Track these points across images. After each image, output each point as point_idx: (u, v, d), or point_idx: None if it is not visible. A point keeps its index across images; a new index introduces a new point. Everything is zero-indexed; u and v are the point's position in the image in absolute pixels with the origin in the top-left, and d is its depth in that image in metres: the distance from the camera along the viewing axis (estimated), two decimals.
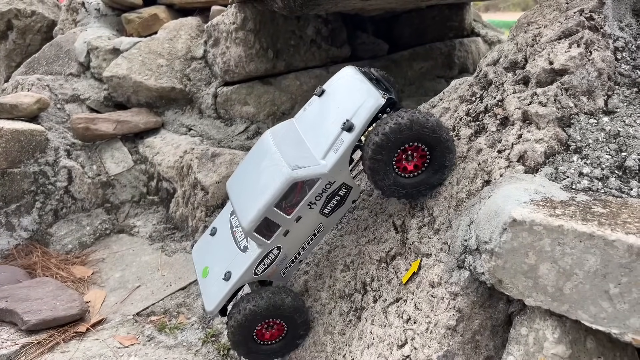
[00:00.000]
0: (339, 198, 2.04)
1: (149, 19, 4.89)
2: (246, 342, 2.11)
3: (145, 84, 4.30)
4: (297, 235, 2.06)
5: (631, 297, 1.34)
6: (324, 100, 2.10)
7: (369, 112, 1.89)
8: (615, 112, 1.78)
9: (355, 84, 2.01)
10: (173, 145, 3.94)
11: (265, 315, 2.05)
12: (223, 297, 2.10)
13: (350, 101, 1.97)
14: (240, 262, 2.09)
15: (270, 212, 1.94)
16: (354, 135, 1.90)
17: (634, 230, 1.36)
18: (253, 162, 2.10)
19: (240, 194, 2.09)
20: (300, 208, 1.97)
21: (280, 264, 2.12)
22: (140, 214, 3.93)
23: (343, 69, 2.16)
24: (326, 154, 1.94)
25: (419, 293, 1.84)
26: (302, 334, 2.19)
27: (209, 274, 2.23)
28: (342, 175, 1.97)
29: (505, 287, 1.52)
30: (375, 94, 1.91)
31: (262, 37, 4.12)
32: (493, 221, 1.54)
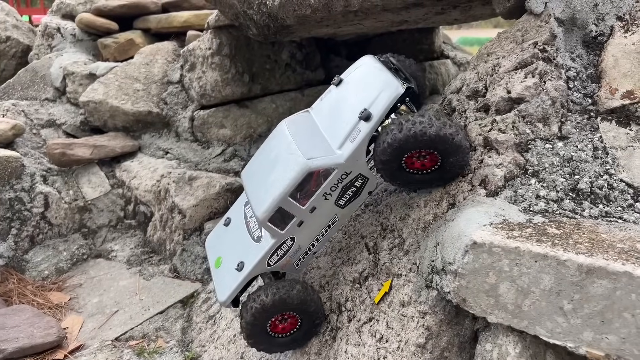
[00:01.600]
0: (355, 189, 1.98)
1: (125, 44, 4.94)
2: (261, 337, 2.09)
3: (122, 108, 4.34)
4: (311, 226, 2.01)
5: (583, 312, 1.44)
6: (342, 90, 2.05)
7: (387, 102, 1.84)
8: (569, 137, 1.91)
9: (373, 72, 1.97)
10: (150, 169, 3.98)
11: (274, 311, 2.02)
12: (235, 287, 2.07)
13: (368, 90, 1.92)
14: (254, 252, 2.06)
15: (284, 202, 1.89)
16: (372, 125, 1.85)
17: (584, 250, 1.47)
18: (268, 152, 2.05)
19: (254, 183, 2.04)
20: (315, 198, 1.92)
21: (294, 255, 2.08)
22: (118, 238, 3.95)
23: (362, 58, 2.11)
24: (343, 144, 1.89)
25: (390, 312, 1.92)
26: (317, 322, 2.14)
27: (221, 264, 2.20)
28: (359, 165, 1.91)
29: (469, 306, 1.61)
30: (394, 83, 1.87)
31: (237, 62, 4.22)
32: (456, 243, 1.64)
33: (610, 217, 1.71)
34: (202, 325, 2.94)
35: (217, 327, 2.83)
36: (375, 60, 2.03)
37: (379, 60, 2.03)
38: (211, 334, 2.82)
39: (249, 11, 3.18)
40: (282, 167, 1.90)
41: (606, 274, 1.39)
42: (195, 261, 3.46)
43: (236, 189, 3.65)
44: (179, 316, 3.15)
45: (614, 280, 1.38)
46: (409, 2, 2.46)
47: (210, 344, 2.76)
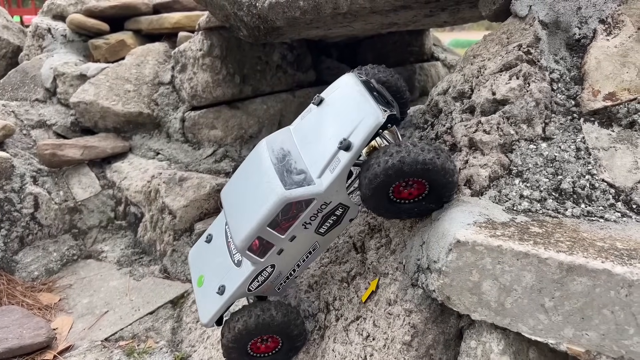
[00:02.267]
0: (335, 218, 1.95)
1: (116, 45, 4.94)
2: (241, 358, 2.11)
3: (113, 109, 4.33)
4: (291, 253, 2.00)
5: (564, 309, 1.47)
6: (322, 111, 1.99)
7: (367, 131, 1.79)
8: (552, 138, 1.94)
9: (354, 96, 1.91)
10: (141, 170, 3.98)
11: (255, 333, 2.05)
12: (217, 311, 2.08)
13: (349, 116, 1.87)
14: (234, 277, 2.06)
15: (263, 231, 1.87)
16: (351, 155, 1.80)
17: (564, 248, 1.50)
18: (247, 173, 2.03)
19: (233, 206, 2.02)
20: (295, 228, 1.90)
21: (275, 281, 2.08)
22: (108, 239, 3.94)
23: (343, 76, 2.05)
24: (322, 173, 1.84)
25: (377, 311, 1.94)
26: (298, 344, 2.18)
27: (203, 283, 2.20)
28: (339, 195, 1.88)
29: (453, 304, 1.63)
30: (375, 111, 1.80)
31: (228, 63, 4.23)
32: (441, 242, 1.66)
33: (592, 217, 1.74)
34: (192, 326, 2.95)
35: None
36: (356, 81, 1.98)
37: (361, 81, 1.98)
38: (201, 334, 2.83)
39: (239, 13, 3.20)
40: (260, 194, 1.88)
41: (586, 271, 1.42)
42: (186, 262, 3.46)
43: None
44: (169, 316, 3.15)
45: (594, 277, 1.42)
46: (396, 5, 2.48)
47: (200, 344, 2.77)
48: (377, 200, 1.80)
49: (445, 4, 2.63)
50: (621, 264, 1.41)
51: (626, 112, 1.92)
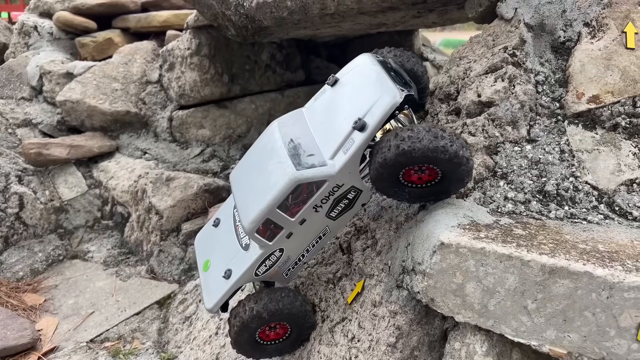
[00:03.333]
0: (347, 201, 1.87)
1: (103, 43, 4.90)
2: (248, 345, 2.05)
3: (100, 108, 4.30)
4: (301, 237, 1.93)
5: (546, 311, 1.48)
6: (336, 92, 1.91)
7: (383, 111, 1.71)
8: (537, 140, 1.95)
9: (371, 75, 1.82)
10: (128, 170, 3.96)
11: (264, 321, 1.98)
12: (222, 295, 2.01)
13: (364, 96, 1.79)
14: (242, 260, 2.00)
15: (272, 213, 1.80)
16: (366, 136, 1.72)
17: (547, 250, 1.51)
18: (258, 155, 1.95)
19: (242, 188, 1.95)
20: (305, 211, 1.82)
21: (283, 266, 2.01)
22: (95, 239, 3.91)
23: (359, 56, 1.95)
24: (335, 154, 1.77)
25: (362, 312, 1.94)
26: (307, 332, 2.12)
27: (209, 268, 2.14)
28: (352, 177, 1.80)
29: (438, 305, 1.63)
30: (392, 90, 1.72)
31: (217, 62, 4.21)
32: (425, 244, 1.66)
33: (575, 219, 1.75)
34: (178, 327, 2.94)
35: (193, 328, 2.82)
36: (373, 60, 1.88)
37: (377, 60, 1.89)
38: (187, 334, 2.81)
39: (227, 12, 3.19)
40: (270, 175, 1.81)
41: (568, 274, 1.43)
42: (173, 262, 3.45)
43: (214, 190, 3.65)
44: (155, 317, 3.14)
45: (575, 280, 1.42)
46: (383, 6, 2.49)
47: (186, 345, 2.76)
48: (386, 183, 1.75)
49: (433, 5, 2.63)
50: (602, 266, 1.42)
51: (609, 115, 1.93)
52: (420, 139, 1.60)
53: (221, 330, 2.59)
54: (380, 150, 1.67)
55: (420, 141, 1.59)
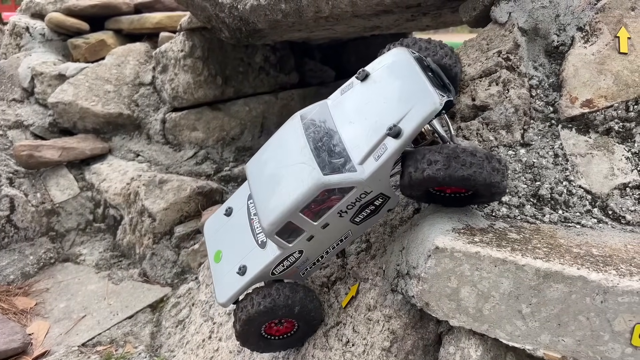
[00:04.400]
0: (374, 208, 1.78)
1: (96, 45, 4.87)
2: (254, 339, 1.99)
3: (92, 110, 4.27)
4: (322, 240, 1.84)
5: (541, 315, 1.48)
6: (367, 88, 1.78)
7: (421, 119, 1.61)
8: (531, 144, 1.96)
9: (407, 75, 1.70)
10: (120, 172, 3.93)
11: (270, 316, 1.92)
12: (236, 292, 1.93)
13: (400, 98, 1.67)
14: (257, 258, 1.91)
15: (294, 216, 1.71)
16: (400, 144, 1.62)
17: (541, 255, 1.51)
18: (279, 149, 1.84)
19: (261, 183, 1.84)
20: (329, 215, 1.73)
21: (301, 266, 1.93)
22: (87, 242, 3.88)
23: (393, 50, 1.82)
24: (365, 159, 1.67)
25: (356, 316, 1.93)
26: (313, 327, 2.06)
27: (221, 259, 2.06)
28: (381, 185, 1.70)
29: (432, 310, 1.63)
30: (431, 96, 1.61)
31: (210, 64, 4.19)
32: (420, 248, 1.66)
33: (569, 223, 1.76)
34: (171, 330, 2.92)
35: (186, 331, 2.81)
36: (409, 57, 1.74)
37: (414, 58, 1.75)
38: (180, 338, 2.80)
39: (221, 14, 3.18)
40: (293, 175, 1.71)
41: (562, 278, 1.43)
42: (165, 265, 3.43)
43: (207, 193, 3.64)
44: (148, 321, 3.12)
45: (570, 284, 1.43)
46: (378, 9, 2.49)
47: (179, 348, 2.74)
48: (416, 194, 1.73)
49: (426, 9, 2.63)
50: (596, 270, 1.43)
51: (603, 119, 1.94)
52: (447, 165, 1.55)
53: (214, 334, 2.57)
54: (412, 167, 1.61)
55: (447, 168, 1.55)
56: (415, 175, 1.60)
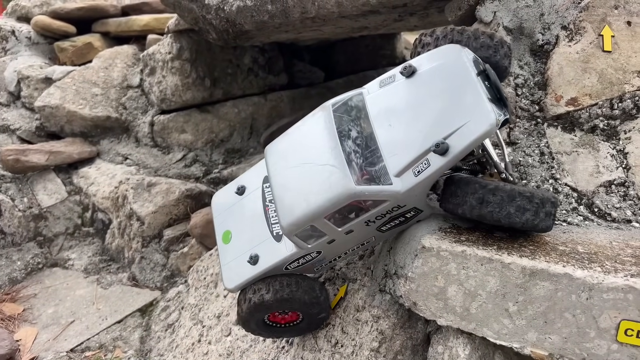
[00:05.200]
0: (404, 219, 1.68)
1: (83, 48, 4.83)
2: (257, 326, 1.93)
3: (80, 113, 4.24)
4: (342, 244, 1.75)
5: (527, 313, 1.48)
6: (413, 88, 1.61)
7: (473, 139, 1.45)
8: (517, 143, 1.96)
9: (462, 83, 1.52)
10: (108, 175, 3.90)
11: (274, 307, 1.85)
12: (246, 281, 1.84)
13: (452, 110, 1.51)
14: (272, 251, 1.80)
15: (318, 222, 1.59)
16: (446, 162, 1.48)
17: (527, 252, 1.51)
18: (307, 142, 1.68)
19: (282, 174, 1.69)
20: (355, 224, 1.62)
21: (317, 264, 1.84)
22: (75, 247, 3.85)
23: (449, 48, 1.61)
24: (403, 172, 1.53)
25: (345, 317, 1.93)
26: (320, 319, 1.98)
27: (231, 241, 1.95)
28: (416, 200, 1.59)
29: (420, 309, 1.63)
30: (488, 114, 1.44)
31: (198, 66, 4.18)
32: (407, 248, 1.66)
33: (555, 220, 1.76)
34: (160, 334, 2.90)
35: (176, 335, 2.79)
36: (465, 59, 1.55)
37: (472, 60, 1.56)
38: (170, 342, 2.78)
39: (208, 16, 3.17)
40: (322, 177, 1.57)
41: (548, 276, 1.44)
42: (155, 269, 3.41)
43: (196, 195, 3.62)
44: (137, 325, 3.09)
45: (555, 282, 1.43)
46: (364, 10, 2.49)
47: (169, 352, 2.72)
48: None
49: (413, 9, 2.64)
50: (582, 267, 1.43)
51: (588, 117, 1.95)
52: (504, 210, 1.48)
53: (204, 338, 2.56)
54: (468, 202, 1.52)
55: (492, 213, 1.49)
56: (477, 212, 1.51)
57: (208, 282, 2.79)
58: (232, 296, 2.54)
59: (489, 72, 1.54)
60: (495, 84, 1.52)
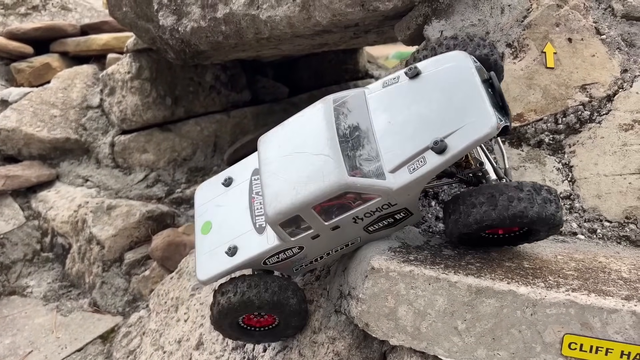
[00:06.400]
0: (393, 221, 1.64)
1: (40, 68, 4.75)
2: (231, 329, 1.85)
3: (38, 136, 4.15)
4: (327, 241, 1.70)
5: (476, 331, 1.50)
6: (416, 88, 1.62)
7: (472, 140, 1.45)
8: None
9: (466, 87, 1.54)
10: (68, 199, 3.82)
11: (248, 309, 1.77)
12: (221, 273, 1.78)
13: (453, 111, 1.51)
14: (252, 243, 1.75)
15: (305, 212, 1.56)
16: (443, 162, 1.47)
17: (474, 270, 1.53)
18: (303, 132, 1.66)
19: (274, 164, 1.66)
20: (343, 219, 1.59)
21: (296, 262, 1.79)
22: (34, 273, 3.74)
23: (455, 54, 1.64)
24: (397, 168, 1.52)
25: (302, 340, 1.92)
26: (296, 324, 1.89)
27: (210, 232, 1.89)
28: (408, 200, 1.57)
29: (372, 330, 1.63)
30: (489, 118, 1.45)
31: (159, 85, 4.14)
32: (358, 268, 1.67)
33: None
34: None
35: None
36: (471, 66, 1.57)
37: (476, 67, 1.58)
38: None
39: (164, 36, 3.15)
40: (315, 166, 1.55)
41: (493, 293, 1.46)
42: (116, 294, 3.34)
43: (158, 217, 3.56)
44: (98, 352, 3.02)
45: (501, 298, 1.45)
46: (317, 30, 2.51)
47: None
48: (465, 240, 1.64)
49: (366, 27, 2.67)
50: (526, 284, 1.46)
51: (534, 132, 2.00)
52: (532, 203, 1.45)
53: None
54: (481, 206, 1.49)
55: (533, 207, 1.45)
56: (493, 215, 1.47)
57: (169, 307, 2.75)
58: (192, 320, 2.50)
59: (493, 80, 1.57)
60: (499, 92, 1.56)
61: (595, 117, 1.99)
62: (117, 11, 3.48)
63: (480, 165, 1.65)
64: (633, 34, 2.10)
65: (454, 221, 1.55)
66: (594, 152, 1.95)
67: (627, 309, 1.36)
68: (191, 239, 3.25)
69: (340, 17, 2.28)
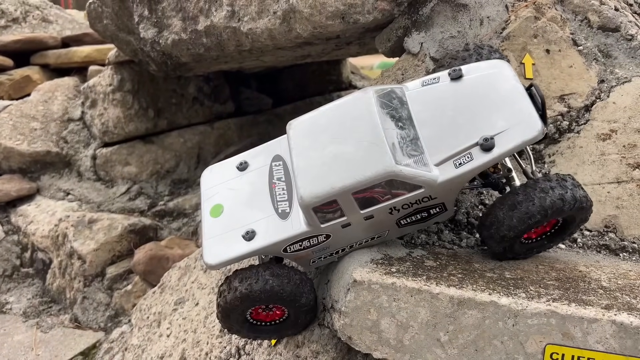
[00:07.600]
0: (426, 215, 1.65)
1: (20, 81, 4.70)
2: (238, 323, 1.77)
3: (17, 149, 4.10)
4: (355, 232, 1.67)
5: (458, 342, 1.49)
6: (460, 89, 1.66)
7: (520, 141, 1.51)
8: None
9: (511, 92, 1.60)
10: (48, 213, 3.77)
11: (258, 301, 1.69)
12: (234, 257, 1.69)
13: (501, 112, 1.57)
14: (273, 228, 1.69)
15: (344, 197, 1.54)
16: (489, 159, 1.51)
17: (456, 281, 1.53)
18: (343, 119, 1.64)
19: (310, 148, 1.63)
20: (379, 208, 1.57)
21: (317, 252, 1.73)
22: (14, 289, 3.67)
23: (496, 62, 1.72)
24: (442, 162, 1.54)
25: (286, 354, 1.90)
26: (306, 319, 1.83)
27: (221, 215, 1.81)
28: (448, 195, 1.59)
29: (355, 343, 1.62)
30: (535, 123, 1.52)
31: (141, 97, 4.12)
32: (340, 281, 1.66)
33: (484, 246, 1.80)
34: None
35: None
36: (513, 74, 1.66)
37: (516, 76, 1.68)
38: None
39: (145, 48, 3.13)
40: (359, 153, 1.54)
41: (475, 304, 1.46)
42: (98, 309, 3.28)
43: (140, 230, 3.52)
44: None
45: (482, 310, 1.45)
46: (298, 42, 2.52)
47: None
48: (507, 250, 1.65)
49: (347, 39, 2.69)
50: (507, 294, 1.46)
51: None
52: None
53: None
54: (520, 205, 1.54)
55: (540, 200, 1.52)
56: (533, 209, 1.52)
57: (151, 321, 2.71)
58: (175, 335, 2.46)
59: (537, 90, 1.63)
60: (542, 100, 1.60)
61: (574, 127, 2.01)
62: (98, 24, 3.46)
63: (509, 171, 1.70)
64: (609, 45, 2.13)
65: (497, 228, 1.58)
66: (573, 162, 1.97)
67: (607, 318, 1.37)
68: (174, 252, 3.22)
69: (321, 30, 2.29)
